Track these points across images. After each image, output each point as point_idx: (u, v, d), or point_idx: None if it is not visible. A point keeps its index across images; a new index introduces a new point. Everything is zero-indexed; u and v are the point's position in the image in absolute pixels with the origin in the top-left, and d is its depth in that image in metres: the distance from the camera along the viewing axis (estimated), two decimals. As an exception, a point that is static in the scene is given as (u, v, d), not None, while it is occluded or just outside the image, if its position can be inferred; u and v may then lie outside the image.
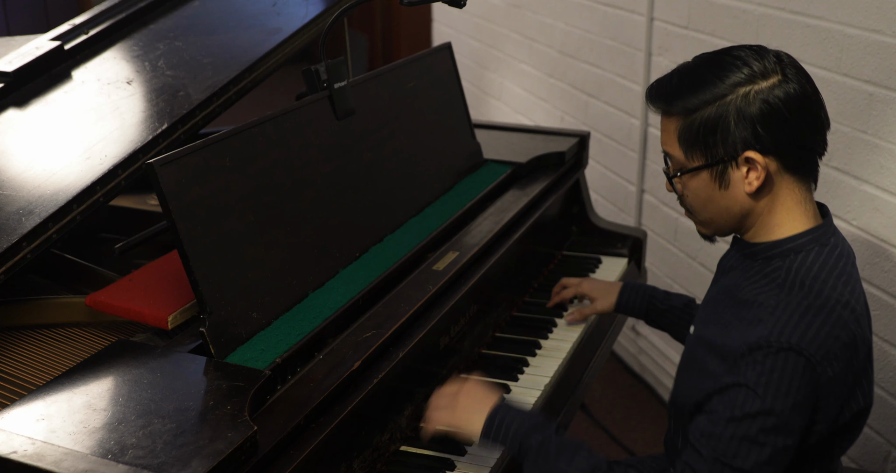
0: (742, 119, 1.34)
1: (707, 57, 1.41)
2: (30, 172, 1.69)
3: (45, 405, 1.30)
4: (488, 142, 2.42)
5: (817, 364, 1.31)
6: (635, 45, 3.06)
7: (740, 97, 1.34)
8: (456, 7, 1.91)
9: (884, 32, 2.05)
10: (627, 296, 1.99)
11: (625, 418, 3.07)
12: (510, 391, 1.81)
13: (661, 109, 1.43)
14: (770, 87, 1.34)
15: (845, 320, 1.34)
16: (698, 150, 1.39)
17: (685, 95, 1.38)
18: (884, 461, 2.21)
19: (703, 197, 1.43)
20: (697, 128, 1.38)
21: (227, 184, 1.55)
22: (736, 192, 1.40)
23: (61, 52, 2.03)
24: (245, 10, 2.28)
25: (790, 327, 1.32)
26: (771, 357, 1.31)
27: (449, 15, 4.86)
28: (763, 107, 1.34)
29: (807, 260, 1.39)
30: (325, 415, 1.40)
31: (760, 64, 1.36)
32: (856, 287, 1.40)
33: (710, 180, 1.41)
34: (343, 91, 1.86)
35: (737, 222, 1.44)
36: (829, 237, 1.42)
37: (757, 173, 1.37)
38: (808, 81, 1.38)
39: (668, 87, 1.41)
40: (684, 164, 1.42)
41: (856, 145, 2.17)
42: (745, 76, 1.35)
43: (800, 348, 1.30)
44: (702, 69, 1.39)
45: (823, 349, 1.31)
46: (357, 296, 1.66)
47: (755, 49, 1.39)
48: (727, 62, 1.37)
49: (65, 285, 1.79)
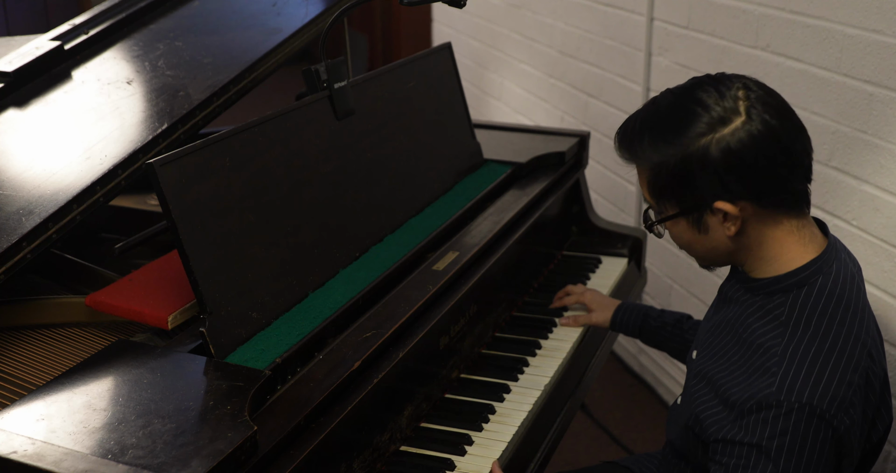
0: (706, 170, 1.30)
1: (670, 101, 1.36)
2: (30, 172, 1.69)
3: (45, 405, 1.30)
4: (488, 142, 2.42)
5: (833, 418, 1.26)
6: (635, 45, 3.06)
7: (701, 148, 1.30)
8: (456, 7, 1.91)
9: (884, 32, 2.05)
10: (623, 314, 2.01)
11: (625, 418, 3.07)
12: (510, 391, 1.81)
13: (626, 159, 1.40)
14: (732, 132, 1.29)
15: (857, 358, 1.30)
16: (670, 199, 1.37)
17: (647, 150, 1.35)
18: (884, 461, 2.21)
19: (687, 240, 1.41)
20: (665, 180, 1.35)
21: (227, 184, 1.55)
22: (717, 235, 1.37)
23: (61, 52, 2.03)
24: (245, 10, 2.28)
25: (800, 381, 1.26)
26: (783, 418, 1.25)
27: (449, 15, 4.86)
28: (726, 155, 1.29)
29: (811, 295, 1.34)
30: (325, 415, 1.40)
31: (721, 106, 1.30)
32: (864, 315, 1.35)
33: (689, 226, 1.38)
34: (343, 91, 1.86)
35: (727, 258, 1.42)
36: (832, 264, 1.37)
37: (732, 220, 1.34)
38: (779, 114, 1.32)
39: (632, 137, 1.38)
40: (660, 211, 1.41)
41: (856, 145, 2.17)
42: (706, 124, 1.30)
43: (812, 405, 1.25)
44: (663, 119, 1.35)
45: (837, 399, 1.26)
46: (357, 296, 1.66)
47: (718, 85, 1.33)
48: (688, 109, 1.32)
49: (65, 285, 1.79)
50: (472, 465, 1.59)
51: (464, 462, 1.59)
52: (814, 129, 2.29)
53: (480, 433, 1.67)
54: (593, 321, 2.05)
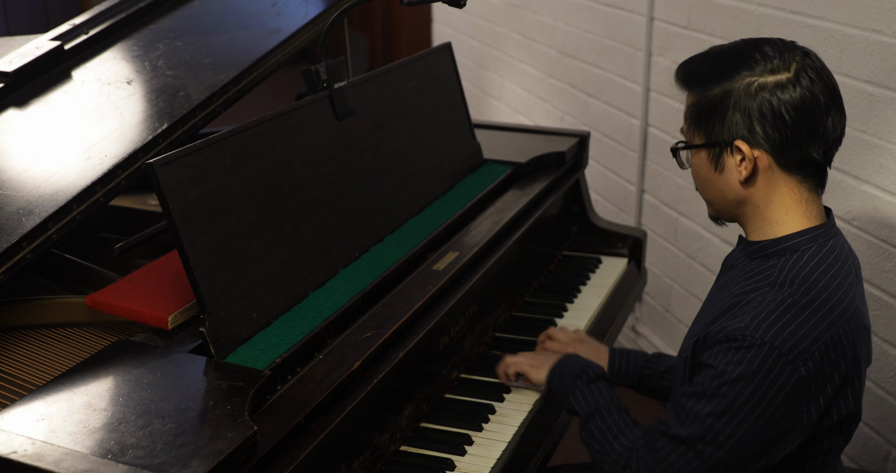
0: (739, 108, 1.39)
1: (737, 44, 1.45)
2: (30, 172, 1.69)
3: (45, 405, 1.30)
4: (488, 142, 2.42)
5: (789, 363, 1.32)
6: (635, 45, 3.06)
7: (744, 87, 1.38)
8: (456, 7, 1.92)
9: (884, 32, 2.05)
10: (619, 364, 1.82)
11: (625, 418, 3.07)
12: (510, 390, 1.81)
13: (681, 85, 1.48)
14: (775, 84, 1.37)
15: (831, 320, 1.35)
16: (700, 129, 1.45)
17: (700, 76, 1.44)
18: (884, 461, 2.21)
19: (702, 177, 1.48)
20: (702, 108, 1.43)
21: (227, 184, 1.55)
22: (730, 177, 1.43)
23: (61, 52, 2.03)
24: (245, 10, 2.28)
25: (767, 323, 1.34)
26: (744, 350, 1.33)
27: (449, 15, 4.86)
28: (760, 101, 1.37)
29: (801, 259, 1.40)
30: (325, 415, 1.40)
31: (777, 60, 1.38)
32: (849, 292, 1.39)
33: (708, 161, 1.45)
34: (343, 91, 1.86)
35: (733, 208, 1.47)
36: (829, 239, 1.43)
37: (745, 164, 1.40)
38: (826, 88, 1.39)
39: (691, 66, 1.47)
40: (688, 140, 1.49)
41: (856, 145, 2.17)
42: (757, 70, 1.38)
43: (773, 345, 1.32)
44: (725, 54, 1.44)
45: (798, 348, 1.32)
46: (357, 296, 1.66)
47: (783, 45, 1.42)
48: (749, 53, 1.41)
49: (65, 285, 1.79)
50: (472, 465, 1.59)
51: (464, 462, 1.59)
52: (814, 129, 2.29)
53: (480, 433, 1.67)
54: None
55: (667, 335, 3.17)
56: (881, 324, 2.17)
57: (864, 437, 2.26)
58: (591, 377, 1.61)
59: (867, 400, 2.23)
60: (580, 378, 1.62)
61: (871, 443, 2.24)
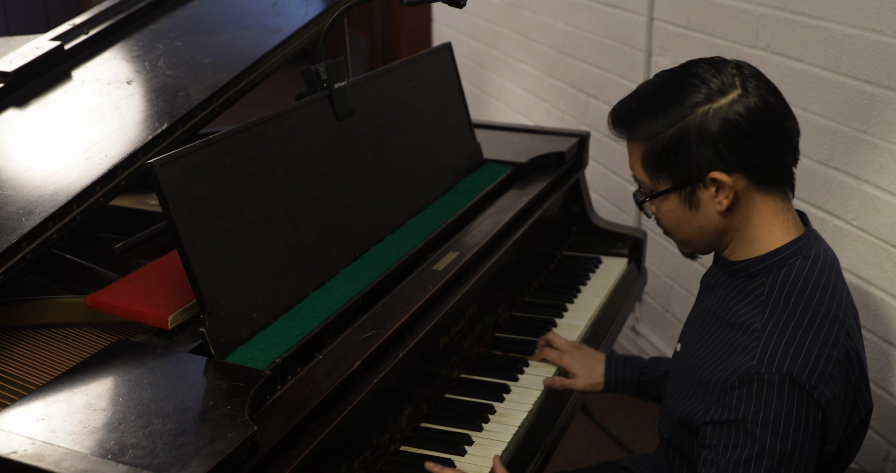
0: (703, 139, 1.32)
1: (666, 77, 1.39)
2: (30, 172, 1.69)
3: (45, 405, 1.30)
4: (488, 142, 2.42)
5: (814, 389, 1.27)
6: (635, 45, 3.06)
7: (699, 117, 1.32)
8: (456, 7, 1.91)
9: (884, 32, 2.05)
10: (615, 372, 1.83)
11: (625, 418, 3.07)
12: (510, 391, 1.81)
13: (624, 135, 1.41)
14: (729, 103, 1.32)
15: (836, 335, 1.31)
16: (664, 173, 1.38)
17: (645, 120, 1.37)
18: (884, 461, 2.21)
19: (676, 219, 1.42)
20: (660, 152, 1.36)
21: (227, 184, 1.55)
22: (707, 211, 1.38)
23: (61, 52, 2.02)
24: (245, 10, 2.28)
25: (780, 353, 1.28)
26: (766, 390, 1.27)
27: (449, 15, 4.86)
28: (723, 125, 1.31)
29: (790, 274, 1.36)
30: (325, 415, 1.40)
31: (719, 80, 1.33)
32: (842, 297, 1.37)
33: (680, 202, 1.39)
34: (343, 91, 1.86)
35: (714, 240, 1.42)
36: (811, 248, 1.39)
37: (725, 193, 1.35)
38: (772, 91, 1.35)
39: (628, 111, 1.40)
40: (652, 188, 1.41)
41: (856, 145, 2.17)
42: (704, 95, 1.32)
43: (793, 375, 1.26)
44: (660, 91, 1.37)
45: (818, 371, 1.28)
46: (357, 296, 1.66)
47: (714, 63, 1.37)
48: (685, 82, 1.35)
49: (65, 285, 1.79)
50: (472, 465, 1.59)
51: (464, 462, 1.59)
52: (814, 129, 2.29)
53: (480, 433, 1.67)
54: (580, 387, 1.85)
55: (667, 335, 3.17)
56: (881, 324, 2.17)
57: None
58: None
59: (867, 400, 2.23)
60: None
61: (871, 443, 2.24)
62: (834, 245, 2.28)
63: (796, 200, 2.39)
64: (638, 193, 1.45)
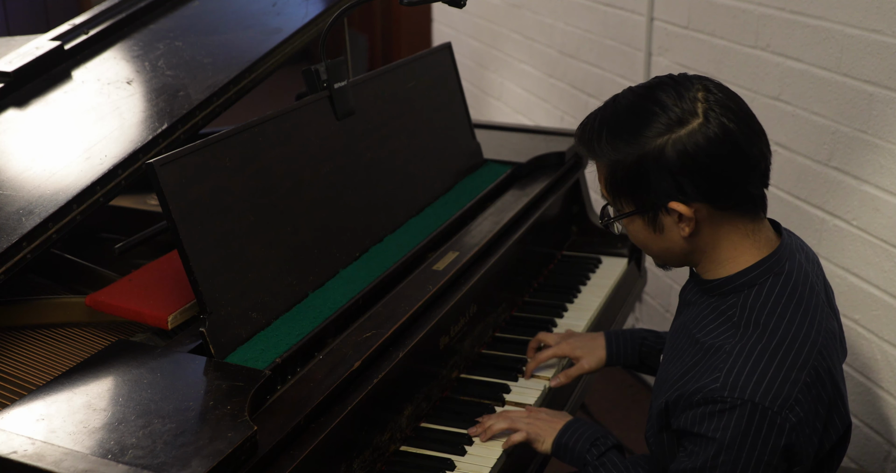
0: (661, 170, 1.30)
1: (629, 100, 1.36)
2: (30, 172, 1.69)
3: (45, 405, 1.30)
4: (488, 142, 2.42)
5: (776, 415, 1.27)
6: (635, 45, 3.06)
7: (657, 149, 1.30)
8: (456, 7, 1.91)
9: (884, 32, 2.05)
10: (616, 345, 1.84)
11: (625, 418, 3.07)
12: (510, 390, 1.81)
13: (585, 153, 1.41)
14: (688, 133, 1.29)
15: (805, 357, 1.30)
16: (626, 197, 1.37)
17: (605, 147, 1.35)
18: (884, 461, 2.21)
19: (643, 239, 1.41)
20: (621, 178, 1.35)
21: (227, 184, 1.55)
22: (672, 235, 1.37)
23: (61, 52, 2.02)
24: (245, 10, 2.28)
25: (744, 378, 1.28)
26: (727, 414, 1.27)
27: (449, 15, 4.86)
28: (681, 156, 1.29)
29: (761, 294, 1.34)
30: (325, 415, 1.40)
31: (679, 108, 1.30)
32: (815, 313, 1.35)
33: (645, 225, 1.38)
34: (343, 91, 1.86)
35: (682, 259, 1.42)
36: (784, 263, 1.37)
37: (686, 222, 1.34)
38: (737, 118, 1.31)
39: (591, 134, 1.38)
40: (617, 209, 1.41)
41: (856, 145, 2.17)
42: (663, 125, 1.30)
43: (755, 401, 1.26)
44: (622, 117, 1.35)
45: (781, 397, 1.27)
46: (357, 296, 1.66)
47: (677, 87, 1.33)
48: (646, 109, 1.32)
49: (65, 285, 1.79)
50: (472, 465, 1.59)
51: (464, 462, 1.59)
52: (814, 129, 2.29)
53: (480, 433, 1.67)
54: (586, 368, 1.84)
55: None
56: (881, 324, 2.17)
57: (864, 437, 2.26)
58: (601, 450, 1.55)
59: (867, 400, 2.23)
60: (590, 453, 1.55)
61: (871, 443, 2.24)
62: (834, 245, 2.28)
63: (797, 199, 2.39)
64: (605, 210, 1.44)
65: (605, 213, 1.44)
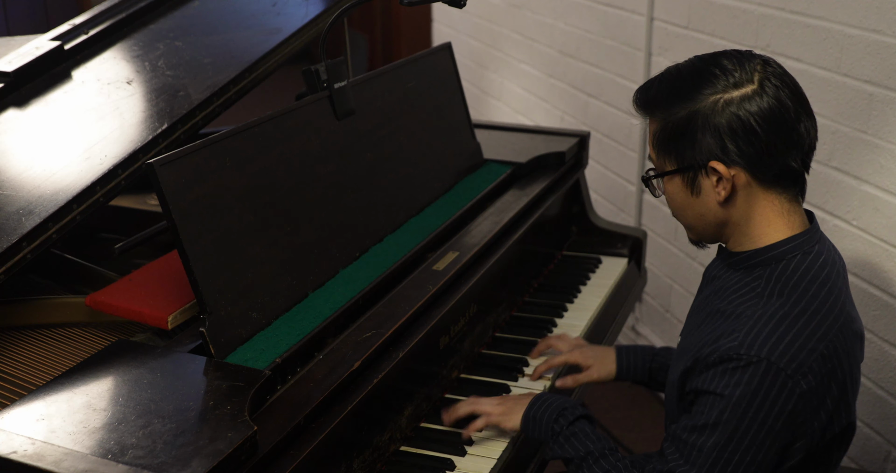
0: (709, 128, 1.34)
1: (692, 63, 1.41)
2: (30, 172, 1.69)
3: (45, 405, 1.30)
4: (488, 142, 2.42)
5: (789, 378, 1.29)
6: (635, 45, 3.06)
7: (710, 105, 1.34)
8: (456, 7, 1.91)
9: (884, 32, 2.05)
10: (627, 360, 1.84)
11: (625, 418, 3.07)
12: (510, 390, 1.81)
13: (641, 111, 1.44)
14: (742, 97, 1.33)
15: (825, 330, 1.32)
16: (671, 154, 1.41)
17: (661, 101, 1.40)
18: (884, 461, 2.21)
19: (679, 202, 1.44)
20: (669, 133, 1.39)
21: (227, 184, 1.55)
22: (708, 200, 1.40)
23: (61, 52, 2.03)
24: (245, 10, 2.28)
25: (762, 338, 1.30)
26: (740, 370, 1.29)
27: (449, 15, 4.86)
28: (731, 117, 1.33)
29: (787, 268, 1.37)
30: (325, 415, 1.40)
31: (739, 73, 1.35)
32: (840, 297, 1.37)
33: (683, 186, 1.41)
34: (343, 91, 1.86)
35: (714, 229, 1.44)
36: (814, 245, 1.40)
37: (723, 184, 1.37)
38: (792, 94, 1.35)
39: (650, 91, 1.43)
40: (659, 167, 1.44)
41: (856, 145, 2.17)
42: (720, 85, 1.35)
43: (770, 361, 1.28)
44: (683, 75, 1.40)
45: (796, 361, 1.29)
46: (357, 296, 1.66)
47: (740, 56, 1.38)
48: (707, 70, 1.37)
49: (65, 286, 1.79)
50: (472, 465, 1.59)
51: (464, 462, 1.59)
52: (814, 129, 2.29)
53: (481, 433, 1.67)
54: (595, 377, 1.85)
55: (667, 335, 3.17)
56: (881, 324, 2.17)
57: (864, 437, 2.26)
58: (570, 420, 1.53)
59: (867, 400, 2.23)
60: (557, 423, 1.54)
61: (871, 443, 2.24)
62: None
63: (796, 200, 2.39)
64: (648, 172, 1.48)
65: (648, 173, 1.47)
